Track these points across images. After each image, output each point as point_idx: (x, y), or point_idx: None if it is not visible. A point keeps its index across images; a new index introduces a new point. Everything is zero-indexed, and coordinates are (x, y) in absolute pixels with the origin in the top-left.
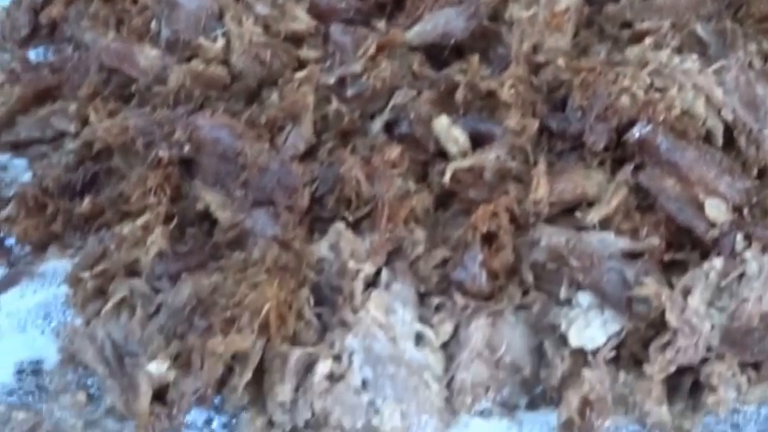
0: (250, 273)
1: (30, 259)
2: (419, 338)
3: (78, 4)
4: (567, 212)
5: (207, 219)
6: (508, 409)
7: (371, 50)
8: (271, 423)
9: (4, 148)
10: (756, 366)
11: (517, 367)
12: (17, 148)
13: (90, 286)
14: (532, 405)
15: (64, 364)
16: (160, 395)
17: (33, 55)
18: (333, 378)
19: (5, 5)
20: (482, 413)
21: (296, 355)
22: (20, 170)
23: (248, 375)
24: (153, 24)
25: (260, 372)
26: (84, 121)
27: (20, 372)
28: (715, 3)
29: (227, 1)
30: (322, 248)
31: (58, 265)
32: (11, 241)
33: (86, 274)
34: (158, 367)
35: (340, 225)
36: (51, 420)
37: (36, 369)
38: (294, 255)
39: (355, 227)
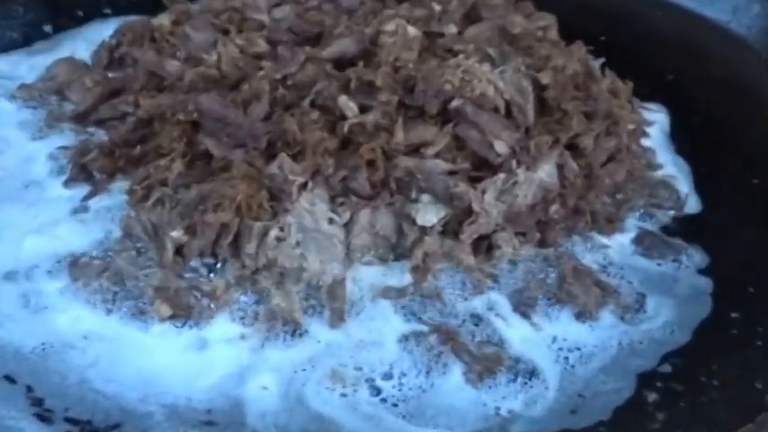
0: (231, 180)
1: (105, 181)
2: (330, 220)
3: (136, 45)
4: (415, 150)
5: (207, 155)
6: (382, 260)
7: (302, 60)
8: (243, 266)
9: (92, 124)
10: (524, 234)
11: (387, 237)
12: (99, 123)
13: (139, 194)
14: (396, 258)
15: (124, 236)
16: (178, 251)
17: (110, 75)
18: (279, 239)
19: (94, 48)
20: (367, 262)
21: (257, 226)
22: (101, 136)
23: (230, 239)
24: (177, 53)
25: (236, 238)
26: (137, 106)
27: (98, 241)
28: (499, 38)
29: (219, 35)
30: (273, 168)
31: (121, 184)
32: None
33: (137, 187)
34: (177, 234)
35: (283, 155)
36: (115, 265)
37: (108, 239)
38: (256, 170)
39: (293, 158)
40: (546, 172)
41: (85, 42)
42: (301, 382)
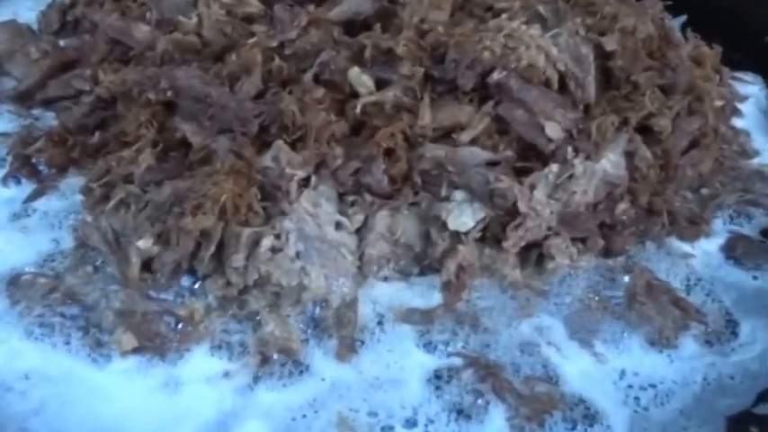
0: (213, 176)
1: (54, 177)
2: (338, 225)
3: (95, 5)
4: (445, 135)
5: (184, 144)
6: (404, 275)
7: (303, 23)
8: (228, 283)
9: (38, 105)
10: (583, 241)
11: (410, 246)
12: (47, 103)
13: (98, 193)
14: (421, 272)
15: (77, 247)
16: (147, 265)
17: (61, 42)
18: (274, 250)
19: (42, 9)
20: (384, 278)
21: (246, 233)
22: (49, 120)
23: (212, 249)
24: (147, 14)
25: (220, 248)
26: (96, 82)
27: (45, 253)
28: None
29: None
30: (266, 159)
31: (74, 181)
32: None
33: (95, 185)
34: (145, 243)
35: (280, 142)
36: (66, 284)
37: (57, 251)
38: (245, 162)
39: (292, 146)
40: (611, 162)
41: (30, 1)
42: None
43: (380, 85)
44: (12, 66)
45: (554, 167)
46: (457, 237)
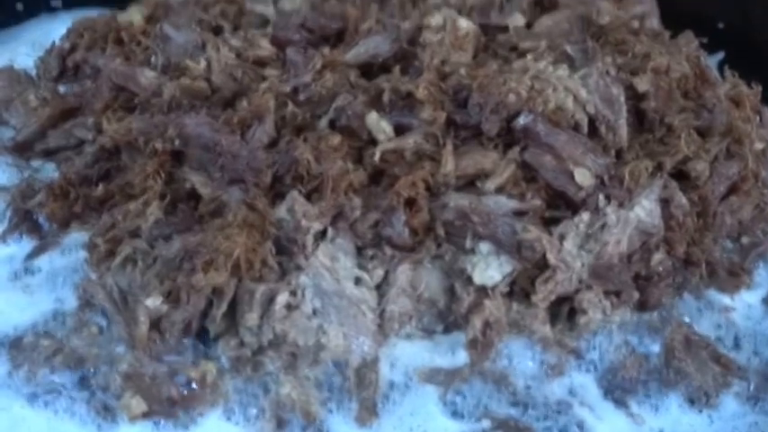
0: (225, 230)
1: (56, 233)
2: (357, 280)
3: (96, 49)
4: (469, 183)
5: (193, 196)
6: (427, 333)
7: (318, 66)
8: (242, 344)
9: (38, 155)
10: (617, 294)
11: (434, 301)
12: (48, 154)
13: (103, 249)
14: (446, 330)
15: (81, 307)
16: (155, 325)
17: (61, 89)
18: (290, 307)
19: (40, 54)
20: (407, 336)
21: (261, 289)
22: (50, 172)
23: (224, 307)
24: (152, 59)
25: (233, 306)
26: (99, 131)
27: (47, 313)
28: (581, 31)
29: (208, 35)
30: (281, 211)
31: (78, 236)
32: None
33: (100, 240)
34: (153, 302)
35: (294, 193)
36: (70, 346)
37: (60, 311)
38: (259, 215)
39: (307, 197)
40: (645, 209)
41: (28, 46)
42: None
43: (400, 130)
44: (9, 115)
45: (585, 216)
46: (483, 291)
